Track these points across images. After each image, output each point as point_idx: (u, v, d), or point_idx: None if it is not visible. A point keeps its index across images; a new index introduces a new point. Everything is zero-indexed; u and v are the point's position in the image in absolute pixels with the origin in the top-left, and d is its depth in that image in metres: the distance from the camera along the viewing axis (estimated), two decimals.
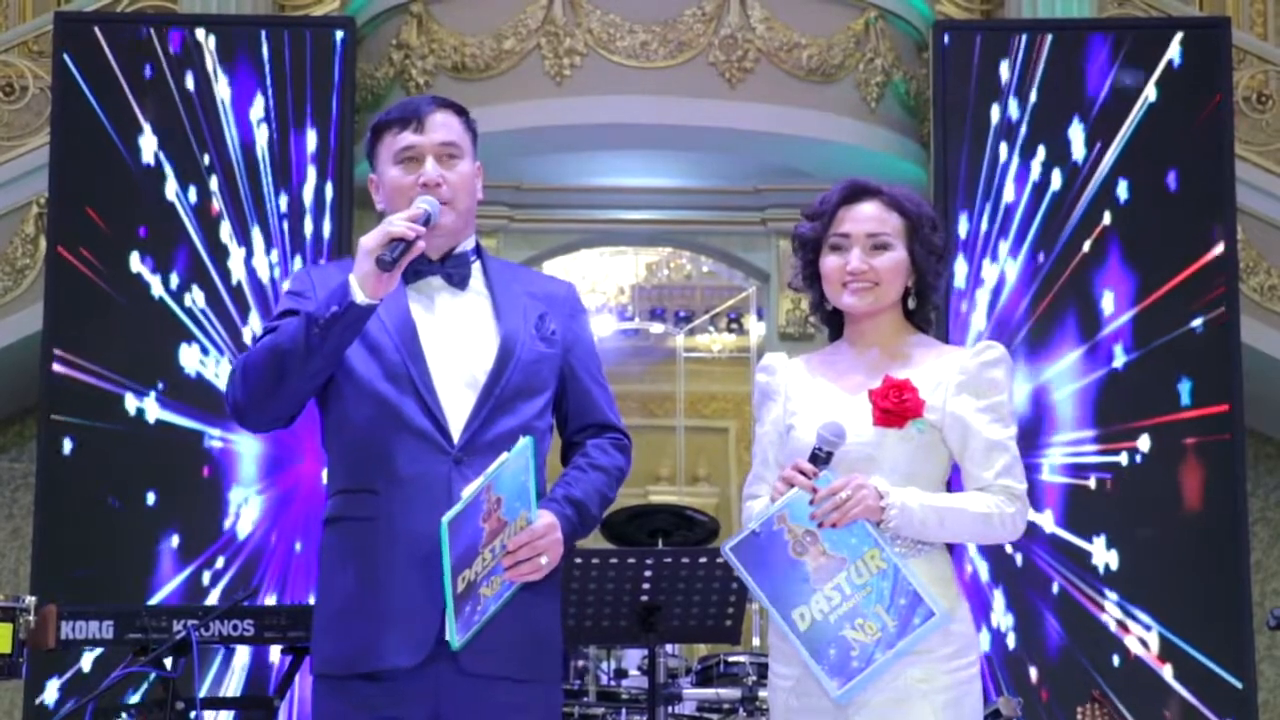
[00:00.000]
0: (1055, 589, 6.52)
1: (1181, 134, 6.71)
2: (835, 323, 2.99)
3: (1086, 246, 6.67)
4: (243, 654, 6.38)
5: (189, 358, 6.60)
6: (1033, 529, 6.46)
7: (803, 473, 2.73)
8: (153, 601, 6.30)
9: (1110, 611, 6.48)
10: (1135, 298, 6.63)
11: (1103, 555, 6.51)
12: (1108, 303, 6.64)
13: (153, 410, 6.55)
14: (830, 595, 2.70)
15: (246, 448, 6.53)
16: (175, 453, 6.52)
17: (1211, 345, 6.58)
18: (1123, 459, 6.56)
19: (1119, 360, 6.61)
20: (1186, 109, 6.73)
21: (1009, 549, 6.50)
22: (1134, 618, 6.45)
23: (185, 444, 6.53)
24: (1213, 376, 6.57)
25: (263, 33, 6.80)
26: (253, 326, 6.60)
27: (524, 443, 2.70)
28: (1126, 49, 6.77)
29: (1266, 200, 7.38)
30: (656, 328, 11.76)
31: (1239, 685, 6.37)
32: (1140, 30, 6.99)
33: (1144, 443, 6.54)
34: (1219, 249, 6.64)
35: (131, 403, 6.55)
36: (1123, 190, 6.69)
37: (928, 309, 2.95)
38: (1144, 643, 6.43)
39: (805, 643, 2.70)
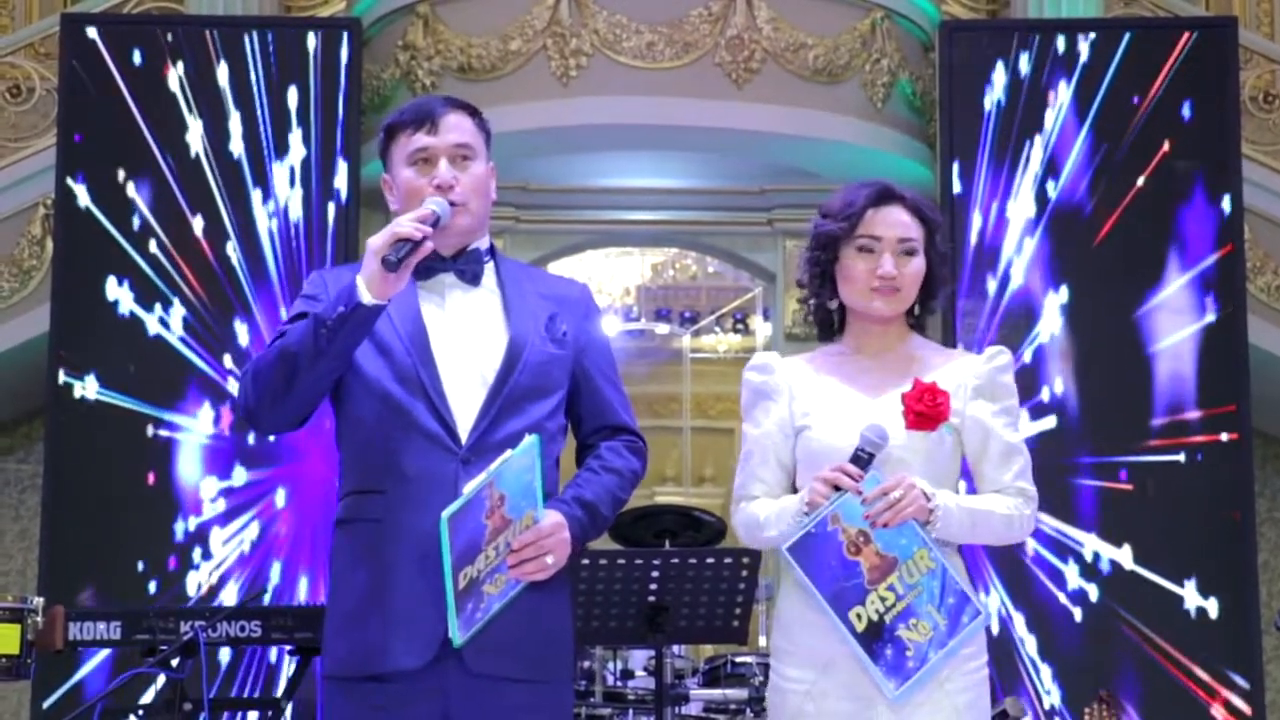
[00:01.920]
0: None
1: (1187, 130, 6.71)
2: (828, 323, 2.98)
3: (1094, 247, 6.66)
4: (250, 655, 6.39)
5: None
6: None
7: (848, 475, 2.74)
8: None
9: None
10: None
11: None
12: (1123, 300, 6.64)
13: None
14: (884, 595, 2.72)
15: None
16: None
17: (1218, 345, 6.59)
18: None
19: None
20: (1193, 108, 6.72)
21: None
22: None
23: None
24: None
25: (269, 34, 6.80)
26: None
27: (529, 441, 2.70)
28: (1133, 49, 6.76)
29: (1274, 200, 7.37)
30: (662, 328, 11.76)
31: (1247, 686, 6.36)
32: (1147, 30, 6.98)
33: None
34: (1226, 248, 6.64)
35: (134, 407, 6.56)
36: (1129, 195, 6.69)
37: (926, 313, 2.98)
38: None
39: (862, 643, 2.72)
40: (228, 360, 6.56)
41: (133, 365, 6.56)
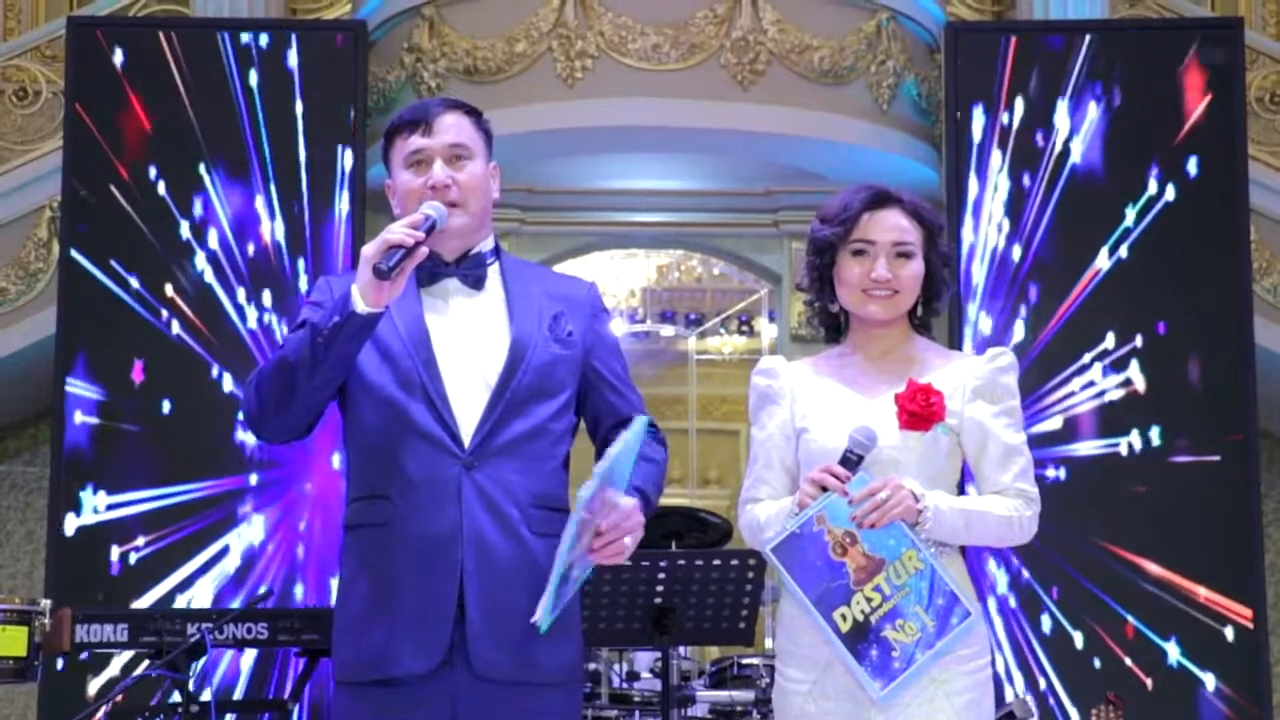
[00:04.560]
0: None
1: (1193, 131, 6.70)
2: (834, 325, 3.00)
3: (1102, 254, 6.65)
4: (249, 655, 6.37)
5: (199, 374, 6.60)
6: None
7: (835, 476, 2.75)
8: None
9: None
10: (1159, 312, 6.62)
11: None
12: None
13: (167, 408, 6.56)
14: (870, 596, 2.73)
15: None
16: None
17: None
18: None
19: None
20: (1198, 109, 6.72)
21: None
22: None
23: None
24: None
25: (274, 37, 6.80)
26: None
27: (640, 424, 2.70)
28: (1138, 50, 6.75)
29: (1279, 201, 7.37)
30: (667, 331, 11.75)
31: (1254, 688, 6.35)
32: (1152, 31, 6.97)
33: None
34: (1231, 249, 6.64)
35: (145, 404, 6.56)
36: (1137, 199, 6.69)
37: (930, 315, 2.98)
38: None
39: (847, 644, 2.72)
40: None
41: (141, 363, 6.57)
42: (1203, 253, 6.62)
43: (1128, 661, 6.34)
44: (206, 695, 4.51)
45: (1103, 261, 6.63)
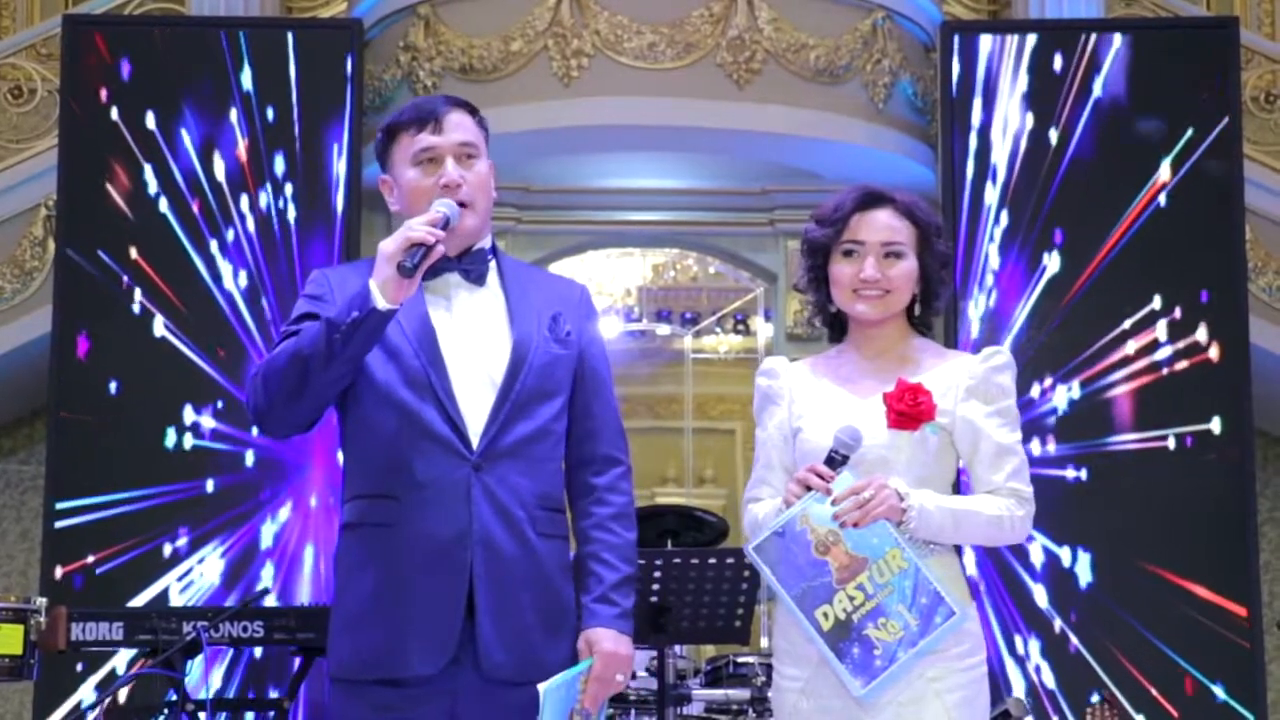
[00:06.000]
0: None
1: (1190, 134, 6.71)
2: (836, 325, 3.01)
3: (1100, 248, 6.65)
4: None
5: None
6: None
7: (819, 475, 2.75)
8: None
9: None
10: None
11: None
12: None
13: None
14: (853, 594, 2.73)
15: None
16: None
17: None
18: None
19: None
20: (1194, 108, 6.72)
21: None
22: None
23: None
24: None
25: (269, 35, 6.80)
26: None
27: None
28: (1134, 49, 6.76)
29: (1275, 200, 7.38)
30: (663, 329, 11.74)
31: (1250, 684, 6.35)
32: (1148, 30, 6.97)
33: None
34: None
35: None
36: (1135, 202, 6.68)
37: (930, 315, 2.99)
38: None
39: (828, 641, 2.72)
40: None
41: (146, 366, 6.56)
42: (1198, 251, 6.63)
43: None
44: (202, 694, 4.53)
45: (1093, 268, 6.65)
